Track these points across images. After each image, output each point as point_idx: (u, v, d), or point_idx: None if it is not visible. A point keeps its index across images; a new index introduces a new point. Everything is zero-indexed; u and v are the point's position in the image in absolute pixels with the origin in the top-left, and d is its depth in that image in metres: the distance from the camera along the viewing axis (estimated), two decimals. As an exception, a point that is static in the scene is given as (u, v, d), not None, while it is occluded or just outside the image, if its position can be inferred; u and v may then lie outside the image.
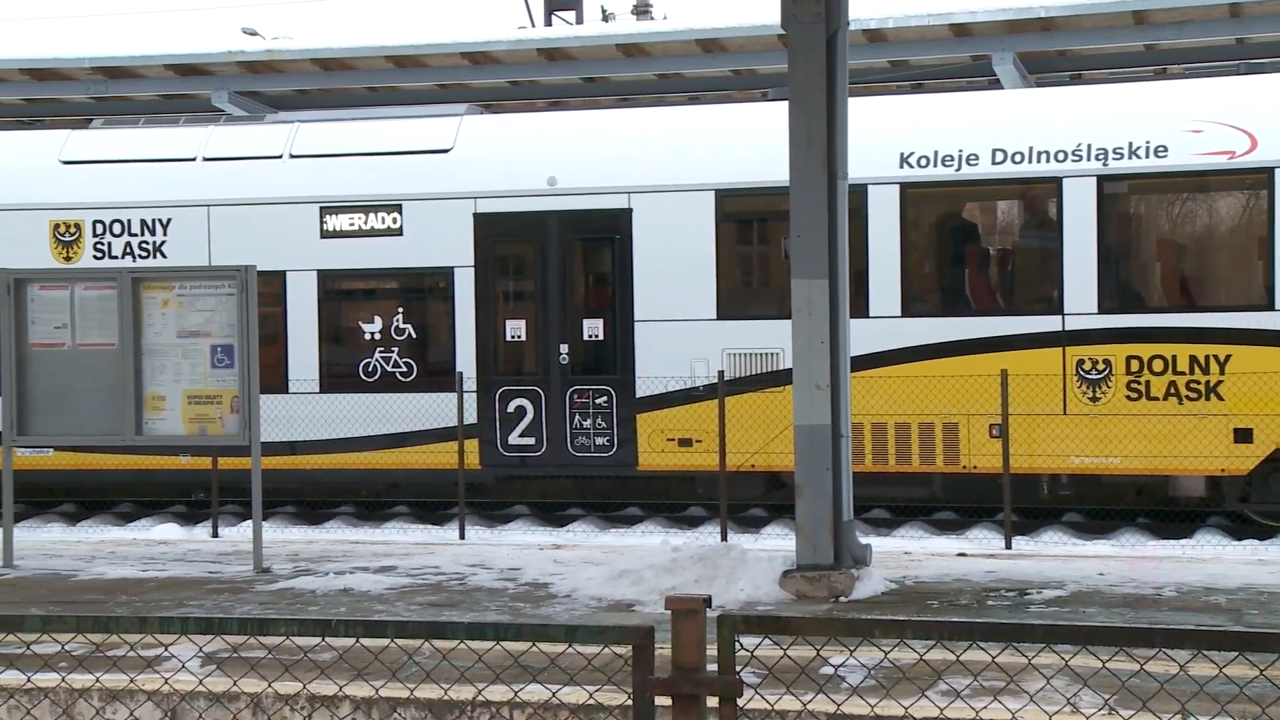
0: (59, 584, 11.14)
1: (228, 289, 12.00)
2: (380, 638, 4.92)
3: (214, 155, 17.51)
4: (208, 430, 12.02)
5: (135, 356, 11.98)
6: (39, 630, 5.05)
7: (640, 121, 17.37)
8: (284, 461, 16.60)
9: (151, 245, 17.27)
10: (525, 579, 11.15)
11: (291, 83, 20.12)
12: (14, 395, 12.08)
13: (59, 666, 7.32)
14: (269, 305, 16.25)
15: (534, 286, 16.87)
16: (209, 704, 7.16)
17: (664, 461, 16.39)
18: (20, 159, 18.01)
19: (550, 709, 6.84)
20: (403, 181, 16.93)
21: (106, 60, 19.99)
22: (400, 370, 16.88)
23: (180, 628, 5.34)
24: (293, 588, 10.84)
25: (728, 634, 4.49)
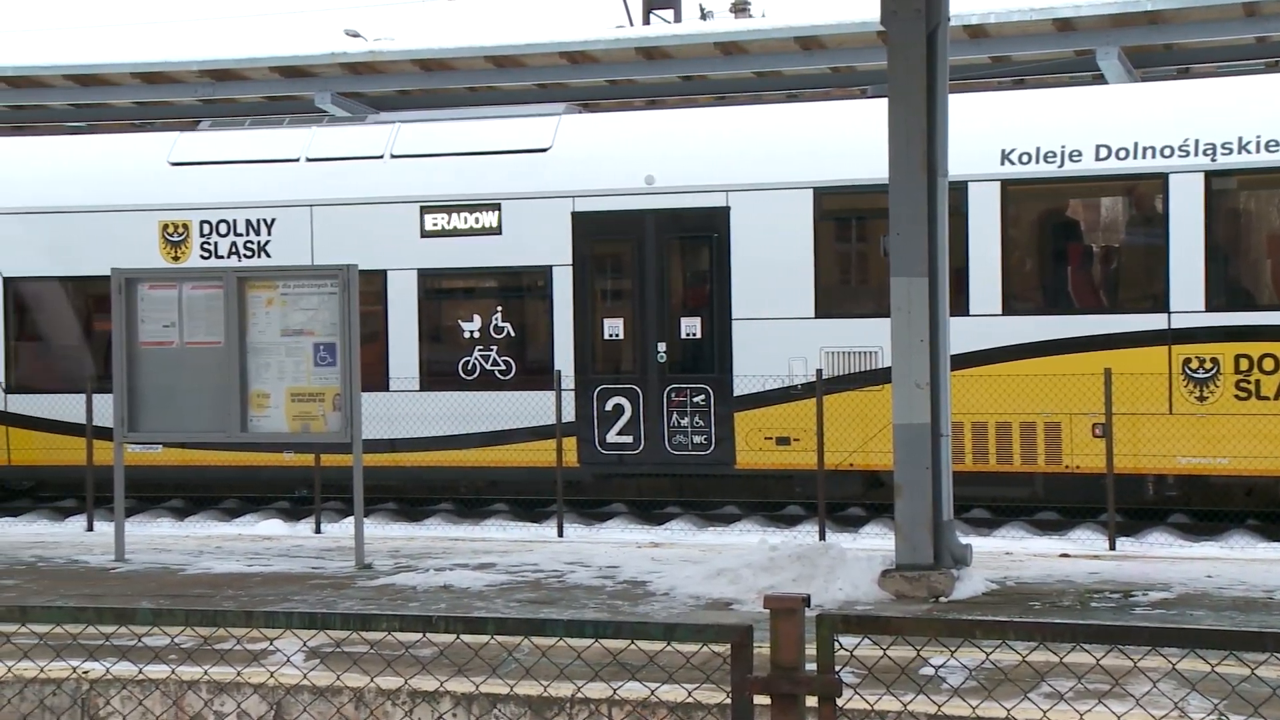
0: (168, 578, 11.35)
1: (330, 288, 12.13)
2: (480, 634, 4.96)
3: (317, 156, 17.74)
4: (310, 427, 12.17)
5: (240, 355, 12.15)
6: (150, 623, 5.15)
7: (738, 120, 17.34)
8: (385, 459, 16.78)
9: (256, 245, 17.54)
10: (623, 577, 11.17)
11: (392, 83, 20.33)
12: (124, 392, 12.30)
13: (169, 659, 7.47)
14: (370, 304, 16.42)
15: (631, 285, 16.90)
16: (313, 698, 7.26)
17: (762, 460, 16.35)
18: (131, 161, 18.37)
19: (648, 707, 6.85)
20: (502, 181, 17.04)
21: (214, 63, 20.32)
22: (499, 369, 16.99)
23: (285, 622, 5.42)
24: (394, 584, 10.95)
25: (826, 633, 4.48)
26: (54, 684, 7.46)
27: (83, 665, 7.21)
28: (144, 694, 7.46)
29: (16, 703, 7.48)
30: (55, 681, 7.46)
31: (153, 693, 7.46)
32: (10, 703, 7.48)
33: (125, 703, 7.49)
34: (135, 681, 7.44)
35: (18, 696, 7.45)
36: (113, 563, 12.13)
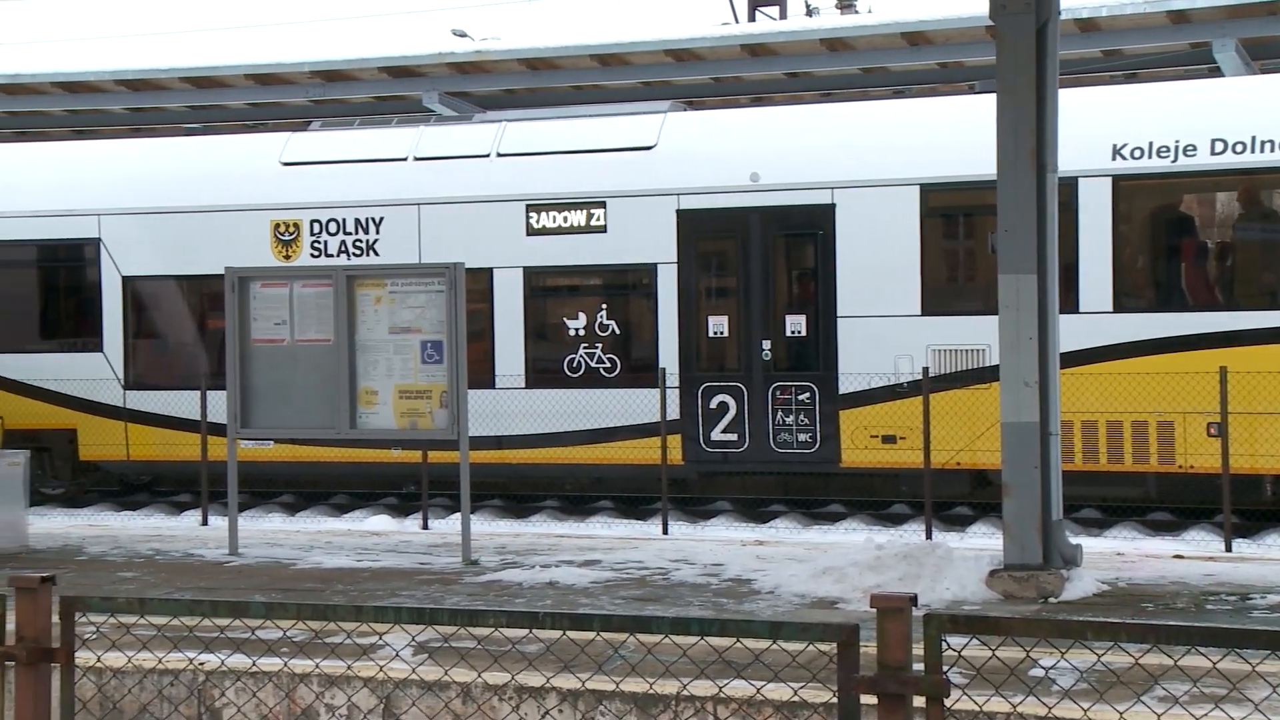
0: (280, 572, 11.53)
1: (437, 286, 12.25)
2: (586, 630, 4.99)
3: (424, 155, 17.93)
4: (418, 424, 12.30)
5: (349, 352, 12.31)
6: (263, 616, 5.24)
7: (843, 116, 17.25)
8: (491, 455, 16.90)
9: (365, 243, 17.76)
10: (728, 575, 11.17)
11: (499, 83, 20.47)
12: (237, 389, 12.51)
13: (281, 652, 7.59)
14: (476, 302, 16.55)
15: (736, 283, 16.88)
16: (421, 692, 7.34)
17: (867, 458, 16.24)
18: (244, 161, 18.69)
19: (754, 705, 6.84)
20: (607, 179, 17.10)
21: (324, 64, 20.59)
22: (604, 366, 17.05)
23: (394, 617, 5.49)
24: (500, 580, 11.03)
25: (934, 633, 4.44)
26: (171, 675, 7.61)
27: (199, 657, 7.34)
28: (257, 686, 7.59)
29: (136, 692, 7.65)
30: (173, 672, 7.61)
31: (266, 685, 7.59)
32: (130, 692, 7.65)
33: (239, 694, 7.63)
34: (249, 674, 7.57)
35: (138, 686, 7.62)
36: (226, 556, 12.35)
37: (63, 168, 19.25)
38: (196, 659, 7.40)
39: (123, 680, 7.68)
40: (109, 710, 7.65)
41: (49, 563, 11.83)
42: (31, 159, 19.68)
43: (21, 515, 12.71)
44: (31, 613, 5.19)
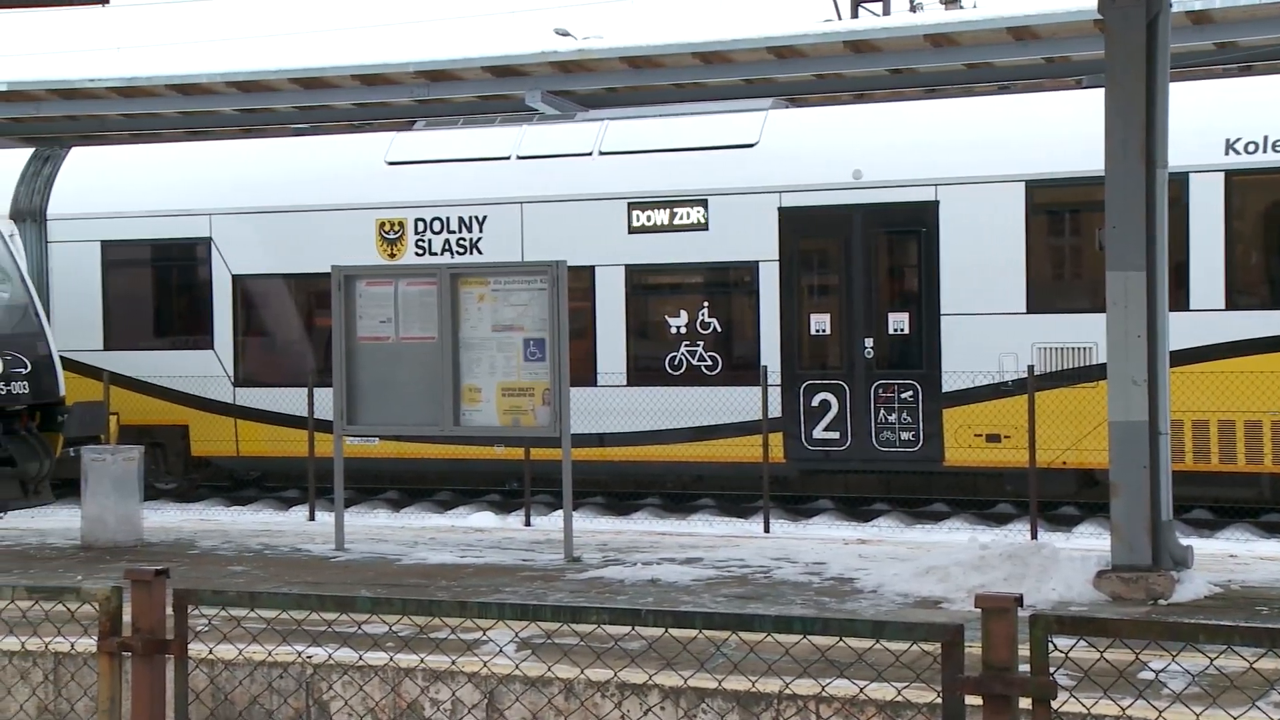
0: (385, 567, 11.66)
1: (539, 284, 12.31)
2: (688, 628, 5.00)
3: (527, 154, 18.04)
4: (520, 422, 12.37)
5: (453, 350, 12.40)
6: (369, 611, 5.32)
7: (947, 112, 17.10)
8: (593, 453, 16.96)
9: (468, 242, 17.91)
10: (830, 573, 11.12)
11: (601, 81, 20.49)
12: (343, 386, 12.67)
13: (387, 646, 7.69)
14: (578, 300, 16.63)
15: (838, 280, 16.80)
16: (525, 688, 7.40)
17: (971, 457, 16.09)
18: (350, 161, 18.93)
19: (857, 705, 6.81)
20: (708, 177, 17.09)
21: (428, 64, 20.73)
22: (705, 364, 17.05)
23: (498, 613, 5.54)
24: (602, 577, 11.07)
25: (1041, 634, 4.40)
26: (281, 668, 7.74)
27: (307, 650, 7.46)
28: (364, 680, 7.69)
29: (247, 684, 7.78)
30: (282, 665, 7.74)
31: (372, 679, 7.69)
32: (241, 684, 7.79)
33: (346, 688, 7.74)
34: (356, 667, 7.67)
35: (248, 679, 7.76)
36: (333, 552, 12.51)
37: (175, 169, 19.64)
38: (305, 652, 7.52)
39: (234, 672, 7.82)
40: (221, 702, 7.79)
41: (163, 556, 12.07)
42: (146, 160, 20.08)
43: (137, 509, 12.98)
44: (147, 605, 5.30)
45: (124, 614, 5.39)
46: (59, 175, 19.73)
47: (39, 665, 8.23)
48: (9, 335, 16.08)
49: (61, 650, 8.04)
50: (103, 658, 5.34)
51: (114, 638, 5.31)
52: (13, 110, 22.84)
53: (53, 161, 20.01)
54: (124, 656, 5.34)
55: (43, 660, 8.21)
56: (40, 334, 16.53)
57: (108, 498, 12.80)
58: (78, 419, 16.23)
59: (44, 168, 19.91)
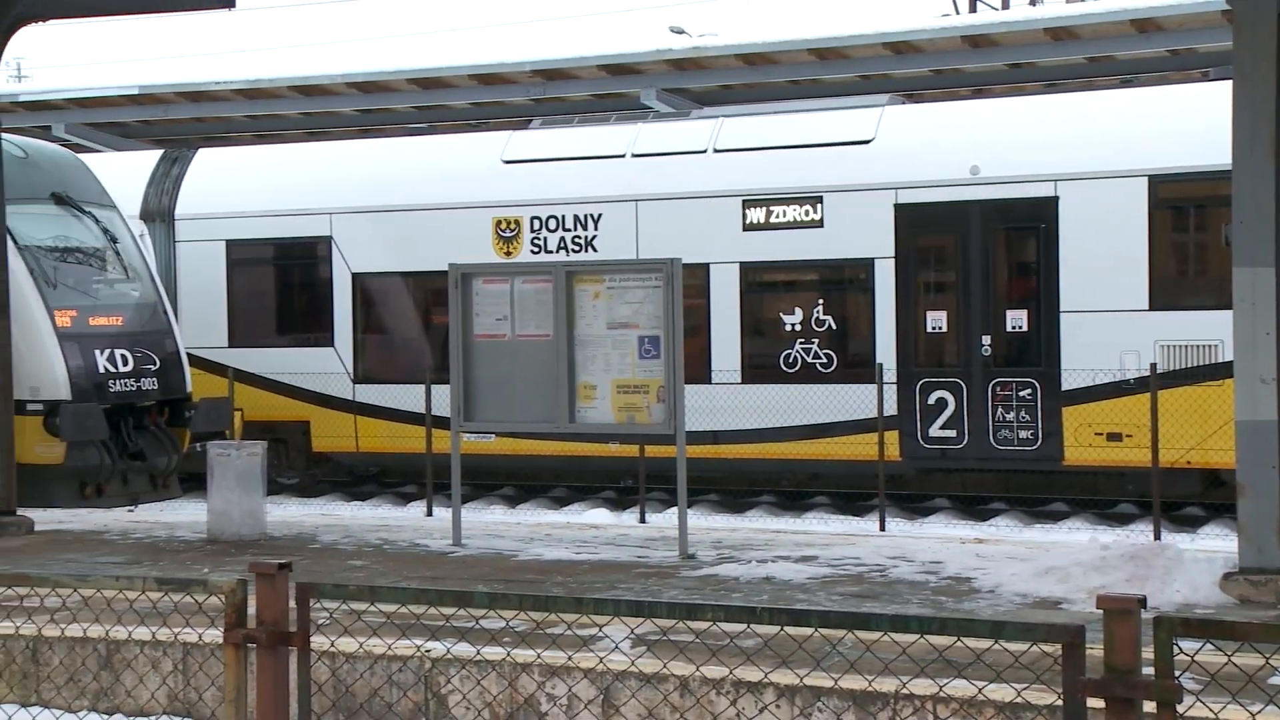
0: (501, 563, 11.76)
1: (654, 281, 12.32)
2: (804, 626, 4.98)
3: (642, 152, 18.08)
4: (635, 419, 12.40)
5: (569, 347, 12.46)
6: (487, 606, 5.36)
7: (1068, 107, 16.84)
8: (707, 450, 16.97)
9: (583, 240, 18.00)
10: (947, 573, 11.02)
11: (715, 78, 20.51)
12: (460, 384, 12.79)
13: (504, 641, 7.77)
14: (693, 297, 16.63)
15: (955, 277, 16.64)
16: (640, 684, 7.42)
17: (1091, 456, 15.85)
18: (466, 160, 19.12)
19: (975, 705, 6.74)
20: (823, 173, 17.02)
21: (544, 63, 20.91)
22: (820, 361, 16.97)
23: (613, 610, 5.58)
24: (716, 574, 11.07)
25: (1165, 636, 4.33)
26: (400, 661, 7.85)
27: (426, 644, 7.55)
28: (481, 674, 7.77)
29: (367, 677, 7.90)
30: (401, 659, 7.84)
31: (489, 673, 7.76)
32: (362, 677, 7.91)
33: (464, 682, 7.82)
34: (473, 662, 7.75)
35: (368, 671, 7.87)
36: (450, 547, 12.65)
37: (297, 169, 19.97)
38: (423, 646, 7.62)
39: (354, 665, 7.94)
40: (342, 694, 7.92)
41: (285, 550, 12.28)
42: (268, 161, 20.45)
43: (260, 504, 13.23)
44: (270, 598, 5.40)
45: (249, 606, 5.50)
46: (186, 176, 20.16)
47: (168, 655, 8.42)
48: (139, 333, 16.48)
49: (190, 641, 8.23)
50: (229, 649, 5.45)
51: (239, 629, 5.42)
52: (143, 113, 23.44)
53: (180, 163, 20.45)
54: (249, 648, 5.45)
55: (172, 650, 8.40)
56: (168, 332, 16.93)
57: (232, 492, 13.05)
58: (204, 415, 16.60)
59: (172, 169, 20.36)
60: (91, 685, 8.54)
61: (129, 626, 7.98)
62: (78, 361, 15.52)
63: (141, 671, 8.43)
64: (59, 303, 15.76)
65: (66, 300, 15.88)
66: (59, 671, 8.62)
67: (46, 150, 17.70)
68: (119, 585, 5.94)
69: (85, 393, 15.44)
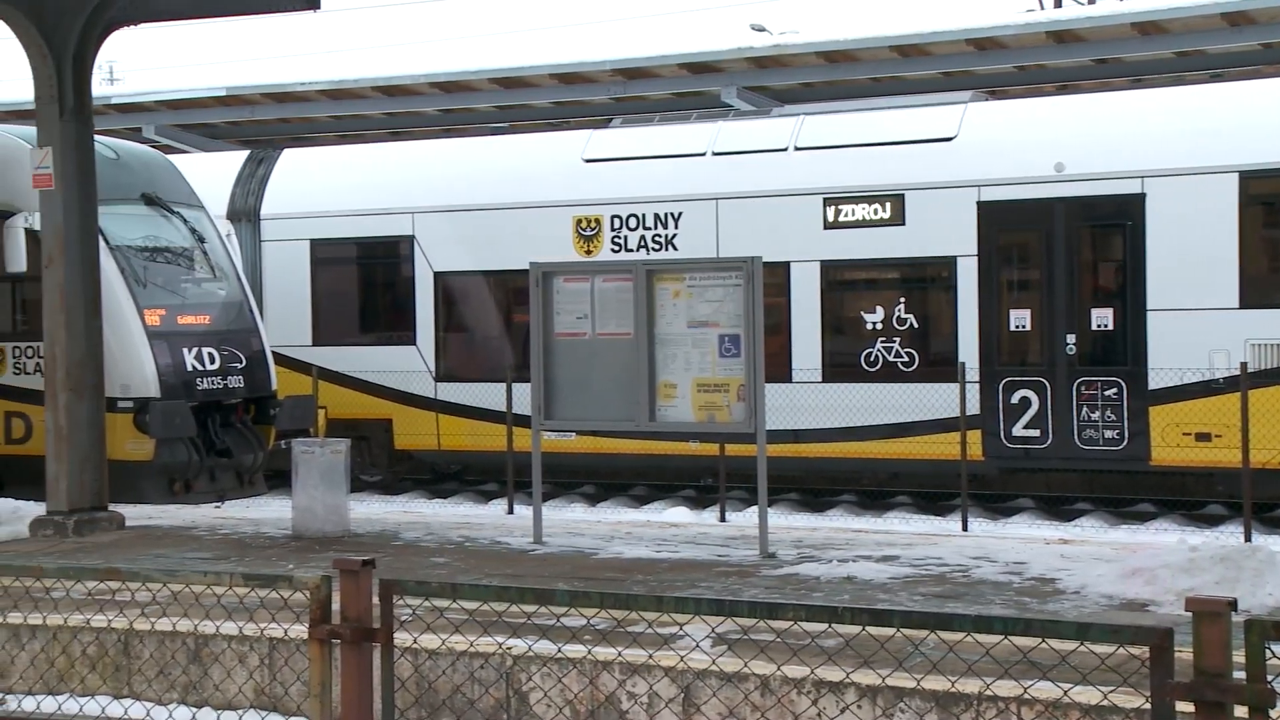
0: (581, 561, 11.79)
1: (735, 280, 12.28)
2: (886, 626, 4.95)
3: (722, 150, 18.06)
4: (715, 418, 12.37)
5: (649, 345, 12.46)
6: (567, 604, 5.38)
7: (1155, 102, 16.62)
8: (787, 449, 16.93)
9: (664, 238, 18.01)
10: (1030, 573, 10.90)
11: (796, 76, 20.46)
12: (541, 382, 12.84)
13: (584, 639, 7.79)
14: (773, 296, 16.60)
15: (1039, 275, 16.47)
16: (721, 683, 7.41)
17: (1179, 456, 15.63)
18: (547, 159, 19.19)
19: (1060, 708, 6.67)
20: (905, 171, 16.91)
21: (625, 62, 20.96)
22: (901, 360, 16.87)
23: (694, 608, 5.58)
24: (797, 574, 11.03)
25: (1257, 639, 4.26)
26: (482, 658, 7.89)
27: (507, 642, 7.59)
28: (562, 672, 7.79)
29: (450, 674, 7.95)
30: (483, 656, 7.88)
31: (570, 671, 7.79)
32: (444, 674, 7.96)
33: (545, 679, 7.85)
34: (554, 659, 7.78)
35: (450, 668, 7.92)
36: (531, 545, 12.70)
37: (379, 168, 20.15)
38: (505, 643, 7.66)
39: (437, 661, 8.00)
40: (425, 690, 7.98)
41: (368, 547, 12.39)
42: (351, 160, 20.65)
43: (344, 501, 13.34)
44: (354, 594, 5.46)
45: (333, 602, 5.56)
46: (272, 176, 20.40)
47: (255, 650, 8.53)
48: (226, 331, 16.71)
49: (275, 636, 8.33)
50: (313, 644, 5.51)
51: (324, 625, 5.48)
52: (230, 114, 23.76)
53: (266, 163, 20.70)
54: (333, 644, 5.51)
55: (258, 645, 8.51)
56: (254, 330, 17.15)
57: (316, 489, 13.18)
58: (288, 412, 16.80)
59: (258, 169, 20.61)
60: (181, 679, 8.67)
61: (217, 621, 8.09)
62: (166, 360, 15.75)
63: (229, 666, 8.54)
64: (149, 302, 16.01)
65: (156, 299, 16.13)
66: (149, 664, 8.76)
67: (137, 151, 17.99)
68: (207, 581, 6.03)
69: (174, 390, 15.67)
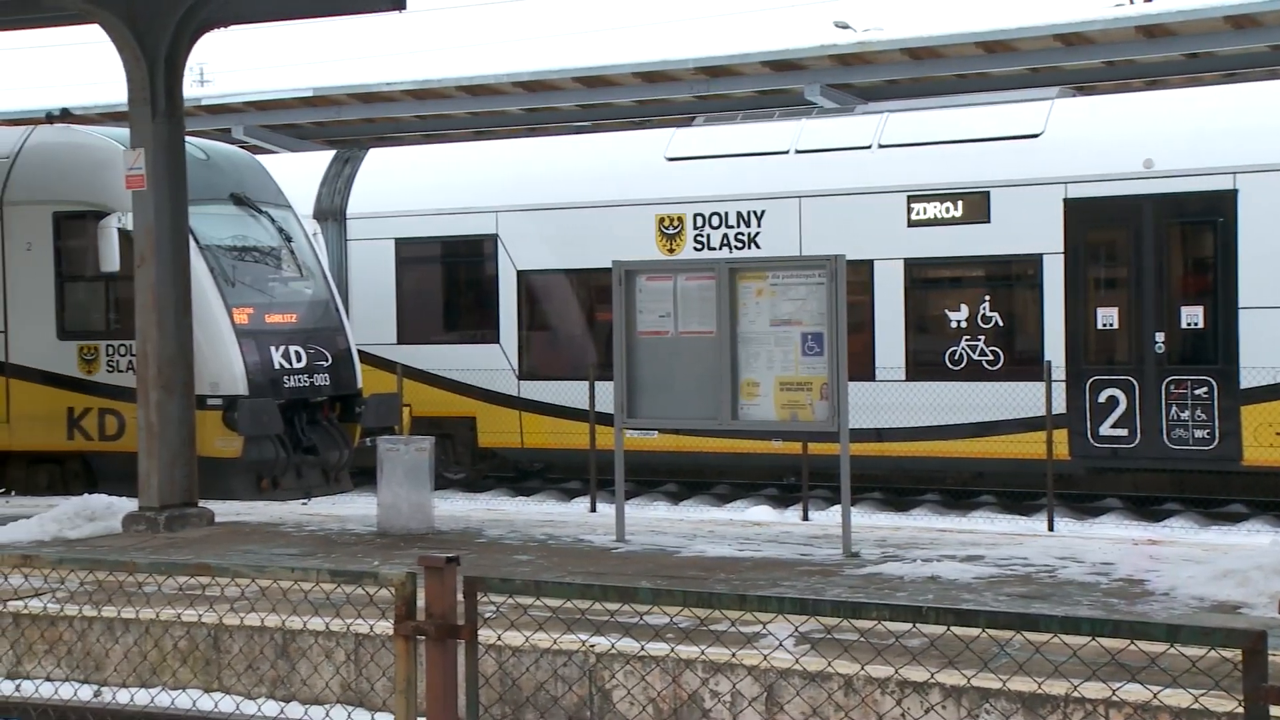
0: (664, 559, 11.80)
1: (818, 278, 12.24)
2: (971, 626, 4.91)
3: (805, 148, 17.99)
4: (798, 416, 12.34)
5: (731, 344, 12.45)
6: (650, 602, 5.39)
7: (1249, 97, 16.35)
8: (870, 448, 16.84)
9: (746, 236, 17.98)
10: (1118, 574, 10.77)
11: (880, 73, 20.36)
12: (624, 380, 12.87)
13: (667, 637, 7.80)
14: (856, 294, 16.52)
15: (1127, 273, 16.26)
16: (804, 683, 7.39)
17: (1272, 456, 15.37)
18: (629, 158, 19.22)
19: (1149, 710, 6.58)
20: (990, 168, 16.76)
21: (708, 60, 20.96)
22: (986, 359, 16.73)
23: (777, 607, 5.57)
24: (880, 573, 10.97)
25: (1352, 645, 4.19)
26: (565, 655, 7.92)
27: (590, 639, 7.62)
28: (645, 670, 7.81)
29: (533, 671, 7.99)
30: (566, 653, 7.91)
31: (653, 669, 7.80)
32: (528, 671, 8.00)
33: (628, 677, 7.87)
34: (637, 657, 7.80)
35: (534, 665, 7.96)
36: (613, 543, 12.73)
37: (463, 168, 20.28)
38: (588, 641, 7.69)
39: (520, 658, 8.04)
40: (508, 687, 8.02)
41: (452, 544, 12.47)
42: (436, 160, 20.81)
43: (428, 498, 13.44)
44: (439, 591, 5.50)
45: (418, 599, 5.60)
46: (357, 176, 20.60)
47: (341, 645, 8.62)
48: (312, 330, 16.91)
49: (361, 632, 8.41)
50: (399, 640, 5.56)
51: (409, 622, 5.53)
52: (316, 114, 24.04)
53: (352, 163, 20.90)
54: (418, 640, 5.55)
55: (344, 641, 8.60)
56: (340, 329, 17.34)
57: (401, 486, 13.29)
58: (374, 410, 16.96)
59: (344, 169, 20.82)
60: (269, 673, 8.78)
61: (304, 617, 8.19)
62: (254, 358, 15.96)
63: (315, 661, 8.64)
64: (237, 301, 16.22)
65: (244, 298, 16.34)
66: (238, 659, 8.88)
67: (226, 152, 18.24)
68: (295, 576, 6.10)
69: (262, 388, 15.87)
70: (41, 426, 16.50)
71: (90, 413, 16.29)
